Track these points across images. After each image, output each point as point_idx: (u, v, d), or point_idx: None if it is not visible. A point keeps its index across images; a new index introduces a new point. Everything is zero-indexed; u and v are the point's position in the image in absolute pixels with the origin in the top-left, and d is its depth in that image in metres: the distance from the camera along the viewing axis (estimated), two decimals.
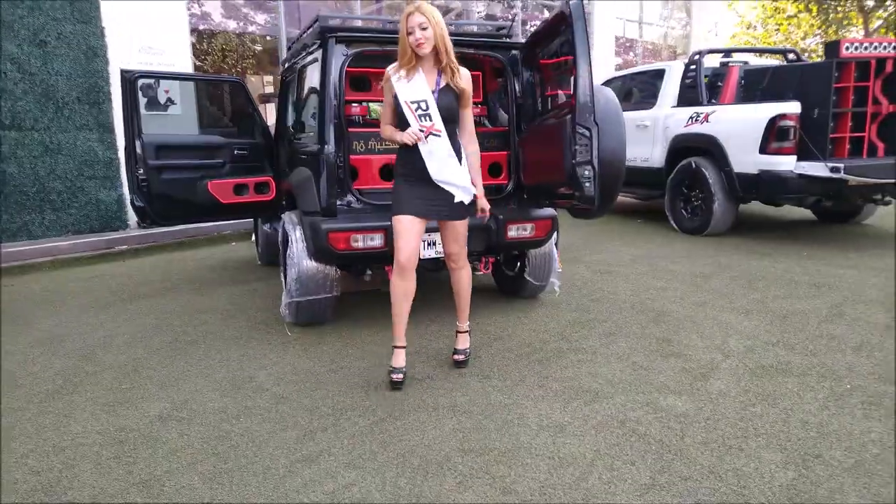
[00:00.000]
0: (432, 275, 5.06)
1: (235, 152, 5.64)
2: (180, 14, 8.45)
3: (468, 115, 3.31)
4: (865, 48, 6.56)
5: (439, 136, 3.15)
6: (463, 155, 3.27)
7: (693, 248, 6.88)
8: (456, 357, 3.57)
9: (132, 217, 7.93)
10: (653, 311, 4.54)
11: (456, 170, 3.24)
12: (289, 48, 5.66)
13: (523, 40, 4.65)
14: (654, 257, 6.45)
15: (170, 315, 4.86)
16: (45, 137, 7.16)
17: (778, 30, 23.00)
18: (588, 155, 3.24)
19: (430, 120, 3.12)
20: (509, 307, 4.78)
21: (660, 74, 8.80)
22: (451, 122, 3.20)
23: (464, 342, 3.60)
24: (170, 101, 8.15)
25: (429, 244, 4.23)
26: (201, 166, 5.47)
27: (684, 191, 7.85)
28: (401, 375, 3.31)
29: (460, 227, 3.36)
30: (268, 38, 12.39)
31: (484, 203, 3.41)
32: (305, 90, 4.85)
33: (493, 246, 4.31)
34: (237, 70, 14.42)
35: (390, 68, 3.21)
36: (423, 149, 3.14)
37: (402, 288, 3.27)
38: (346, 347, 4.00)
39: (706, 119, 7.63)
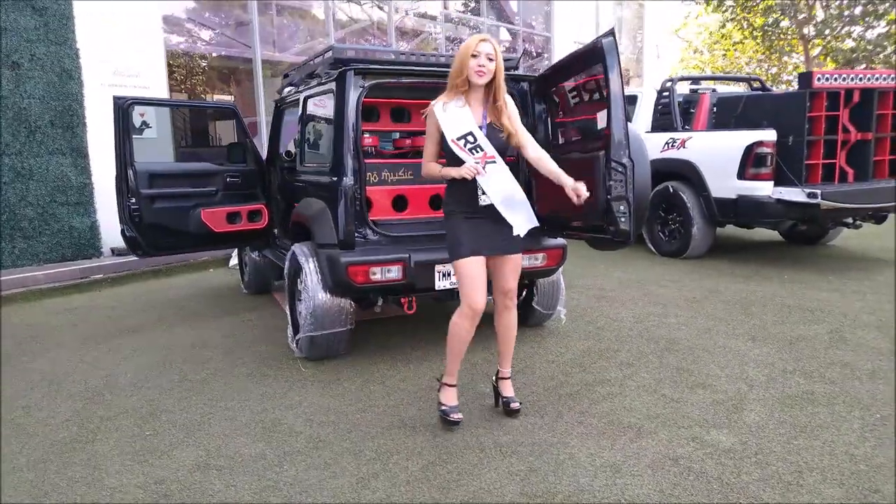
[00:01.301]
0: (434, 304, 5.05)
1: (228, 179, 5.52)
2: (156, 36, 8.25)
3: (525, 138, 3.20)
4: (836, 79, 6.84)
5: (495, 161, 3.10)
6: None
7: (676, 271, 7.00)
8: (513, 406, 3.37)
9: (106, 244, 7.67)
10: (663, 340, 4.59)
11: (520, 195, 3.21)
12: (285, 76, 5.58)
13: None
14: (641, 281, 6.54)
15: (168, 351, 4.69)
16: (16, 162, 6.87)
17: (724, 55, 23.81)
18: (623, 190, 3.26)
19: (482, 150, 3.07)
20: (518, 337, 4.75)
21: (632, 100, 8.97)
22: (503, 155, 3.15)
23: (510, 388, 3.46)
24: (145, 124, 7.91)
25: (443, 275, 4.20)
26: (194, 194, 5.34)
27: (661, 214, 8.00)
28: (461, 415, 3.26)
29: (518, 260, 3.27)
30: (213, 55, 12.05)
31: (577, 186, 3.03)
32: (313, 120, 4.78)
33: None
34: (185, 87, 14.04)
35: (434, 102, 3.13)
36: (483, 180, 3.06)
37: (468, 332, 3.17)
38: (367, 384, 3.92)
39: (683, 145, 7.82)
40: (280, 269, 6.33)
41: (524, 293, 4.91)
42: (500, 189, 3.12)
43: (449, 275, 4.18)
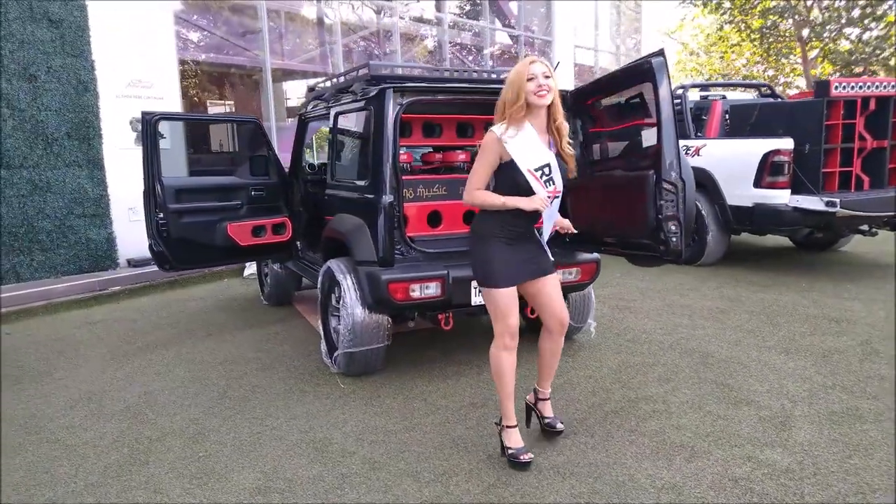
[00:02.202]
0: (468, 319, 5.06)
1: (252, 193, 5.51)
2: (168, 46, 8.22)
3: None
4: (853, 88, 6.88)
5: (558, 197, 3.11)
6: None
7: (693, 279, 7.03)
8: (559, 426, 3.36)
9: (122, 256, 7.64)
10: (696, 353, 4.61)
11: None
12: (311, 89, 5.57)
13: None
14: (661, 290, 6.57)
15: (201, 366, 4.68)
16: (34, 175, 6.83)
17: (722, 57, 23.90)
18: (675, 209, 3.28)
19: (554, 183, 3.02)
20: None
21: None
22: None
23: (551, 409, 3.44)
24: (160, 135, 7.86)
25: (480, 290, 4.20)
26: (219, 209, 5.33)
27: None
28: (531, 454, 3.08)
29: (557, 279, 3.21)
30: (203, 56, 11.84)
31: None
32: (347, 135, 4.78)
33: None
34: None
35: (497, 129, 2.97)
36: (546, 212, 3.06)
37: (511, 362, 3.09)
38: (408, 401, 3.92)
39: (697, 153, 7.85)
40: (300, 279, 6.37)
41: None
42: (551, 222, 3.17)
43: None
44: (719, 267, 7.65)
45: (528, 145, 2.97)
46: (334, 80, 5.00)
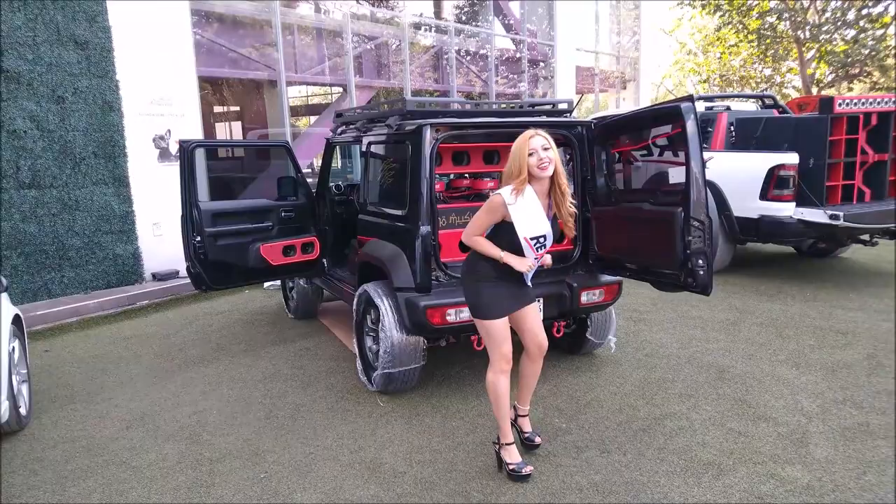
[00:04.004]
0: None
1: (282, 214, 5.74)
2: (188, 63, 8.41)
3: None
4: (856, 104, 7.14)
5: (543, 258, 3.42)
6: None
7: None
8: (536, 441, 3.71)
9: (147, 270, 7.86)
10: (713, 368, 4.87)
11: None
12: (338, 115, 5.80)
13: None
14: (672, 301, 6.82)
15: (242, 384, 4.91)
16: (63, 194, 7.06)
17: (720, 57, 24.15)
18: (702, 244, 3.54)
19: (544, 248, 3.33)
20: (571, 366, 5.02)
21: None
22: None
23: (529, 424, 3.77)
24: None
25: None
26: (252, 230, 5.55)
27: None
28: (531, 467, 3.43)
29: (538, 307, 3.60)
30: (222, 72, 12.01)
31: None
32: (381, 164, 5.01)
33: (566, 311, 4.57)
34: None
35: (503, 193, 3.17)
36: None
37: (506, 385, 3.38)
38: (446, 419, 4.17)
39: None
40: (322, 291, 6.60)
41: (574, 326, 5.15)
42: (532, 274, 3.41)
43: None
44: (726, 275, 7.90)
45: (529, 214, 3.20)
46: (365, 110, 5.22)
